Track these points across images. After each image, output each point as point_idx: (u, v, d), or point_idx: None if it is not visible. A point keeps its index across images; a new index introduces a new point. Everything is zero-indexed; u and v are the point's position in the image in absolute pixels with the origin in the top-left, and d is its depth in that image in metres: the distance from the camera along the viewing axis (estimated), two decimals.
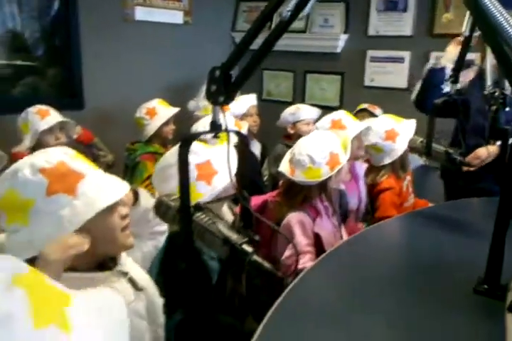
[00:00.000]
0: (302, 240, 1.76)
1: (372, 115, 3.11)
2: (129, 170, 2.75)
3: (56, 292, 0.66)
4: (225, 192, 1.49)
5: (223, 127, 1.04)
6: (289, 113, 3.06)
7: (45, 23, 3.33)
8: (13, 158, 2.37)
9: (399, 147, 2.23)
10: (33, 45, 3.42)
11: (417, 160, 2.57)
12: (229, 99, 1.03)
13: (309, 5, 0.91)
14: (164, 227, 1.39)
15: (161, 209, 1.15)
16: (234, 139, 1.09)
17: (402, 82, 3.41)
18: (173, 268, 1.32)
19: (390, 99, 3.37)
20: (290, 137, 2.97)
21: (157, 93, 3.19)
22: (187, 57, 3.75)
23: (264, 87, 4.12)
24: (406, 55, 3.36)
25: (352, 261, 1.52)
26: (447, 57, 2.21)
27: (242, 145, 1.11)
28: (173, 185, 1.40)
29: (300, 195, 1.83)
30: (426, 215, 1.96)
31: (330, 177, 1.80)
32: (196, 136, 1.05)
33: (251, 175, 2.73)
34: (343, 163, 1.81)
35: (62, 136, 2.51)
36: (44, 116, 2.44)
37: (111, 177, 1.12)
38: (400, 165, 2.33)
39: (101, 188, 1.06)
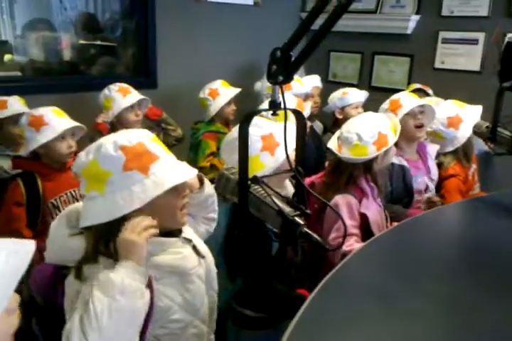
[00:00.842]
0: (348, 222, 1.78)
1: (427, 95, 3.03)
2: (192, 148, 2.88)
3: None
4: (286, 166, 1.53)
5: (282, 106, 1.10)
6: (336, 98, 3.05)
7: (124, 5, 3.50)
8: (95, 127, 2.57)
9: (462, 135, 2.18)
10: (111, 26, 3.61)
11: (482, 146, 2.51)
12: (288, 78, 1.08)
13: None
14: (216, 215, 1.47)
15: (221, 181, 1.23)
16: (293, 119, 1.15)
17: (474, 65, 3.28)
18: (235, 237, 1.40)
19: (460, 83, 3.27)
20: (338, 124, 2.94)
21: (226, 73, 3.28)
22: (256, 38, 3.79)
23: (330, 69, 4.10)
24: (480, 36, 3.23)
25: (404, 244, 1.53)
26: None
27: (300, 124, 1.16)
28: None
29: (345, 174, 1.83)
30: (487, 201, 1.92)
31: (376, 158, 1.80)
32: (257, 113, 1.12)
33: (316, 155, 2.77)
34: (391, 145, 1.81)
35: (140, 113, 2.67)
36: (125, 94, 2.60)
37: (181, 162, 1.22)
38: (463, 153, 2.27)
39: (170, 171, 1.15)
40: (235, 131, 1.62)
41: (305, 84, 3.03)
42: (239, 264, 1.55)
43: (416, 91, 3.09)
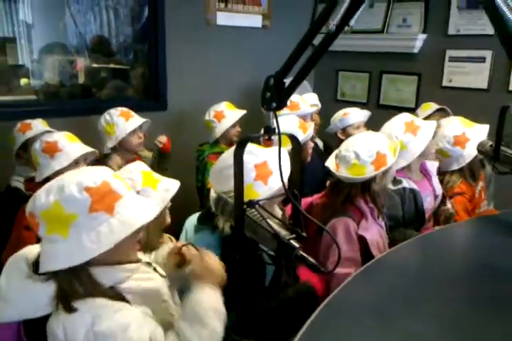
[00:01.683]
0: (345, 247, 1.75)
1: (448, 114, 3.04)
2: (200, 170, 2.90)
3: None
4: (277, 192, 1.54)
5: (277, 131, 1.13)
6: (337, 119, 3.07)
7: (136, 29, 3.59)
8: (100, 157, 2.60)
9: (468, 153, 2.17)
10: (124, 49, 3.70)
11: None
12: (281, 105, 1.11)
13: (354, 18, 0.96)
14: None
15: (219, 204, 1.26)
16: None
17: (482, 83, 3.29)
18: (229, 265, 1.41)
19: (468, 100, 3.27)
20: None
21: (234, 95, 3.33)
22: (264, 60, 3.84)
23: (339, 88, 4.14)
24: (487, 54, 3.24)
25: (406, 265, 1.53)
26: None
27: (296, 148, 1.18)
28: (230, 186, 1.49)
29: (343, 194, 1.81)
30: (494, 220, 1.91)
31: (374, 178, 1.79)
32: (251, 138, 1.15)
33: (323, 173, 2.77)
34: (390, 165, 1.79)
35: (142, 135, 2.70)
36: (128, 118, 2.63)
37: (142, 199, 1.22)
38: (469, 172, 2.25)
39: (134, 209, 1.15)
40: (225, 158, 1.62)
41: (308, 101, 3.06)
42: (233, 295, 1.54)
43: (438, 111, 3.10)
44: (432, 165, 2.21)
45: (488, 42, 3.22)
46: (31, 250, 1.19)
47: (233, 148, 1.70)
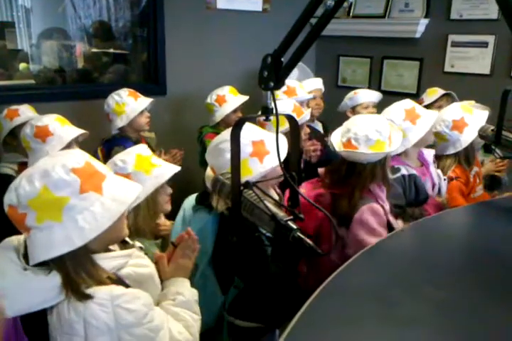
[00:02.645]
0: (380, 230, 1.76)
1: (454, 99, 3.02)
2: (200, 152, 2.91)
3: None
4: (272, 173, 1.54)
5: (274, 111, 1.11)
6: (348, 98, 3.10)
7: (135, 14, 3.55)
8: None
9: (465, 139, 2.16)
10: (123, 34, 3.67)
11: None
12: (279, 84, 1.09)
13: None
14: None
15: (217, 186, 1.25)
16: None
17: (484, 68, 3.26)
18: (227, 245, 1.41)
19: (470, 86, 3.25)
20: None
21: (234, 80, 3.30)
22: (265, 44, 3.79)
23: (339, 73, 4.10)
24: (490, 39, 3.21)
25: (405, 249, 1.53)
26: None
27: (294, 129, 1.17)
28: (225, 159, 1.50)
29: (364, 174, 1.80)
30: (491, 206, 1.91)
31: (385, 159, 1.81)
32: (249, 119, 1.13)
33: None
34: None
35: (148, 115, 2.71)
36: (137, 98, 2.64)
37: (123, 179, 1.22)
38: (464, 157, 2.25)
39: (120, 187, 1.15)
40: (223, 134, 1.62)
41: (308, 86, 3.05)
42: (231, 274, 1.55)
43: (444, 96, 3.08)
44: (429, 153, 2.21)
45: (491, 27, 3.18)
46: (12, 241, 1.15)
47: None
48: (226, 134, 1.60)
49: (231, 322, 1.62)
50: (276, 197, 1.66)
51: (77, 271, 1.08)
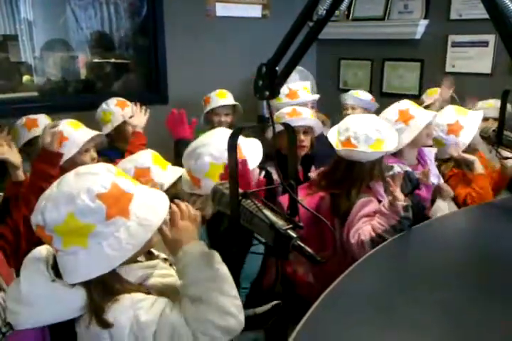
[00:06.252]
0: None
1: (455, 100, 3.00)
2: None
3: None
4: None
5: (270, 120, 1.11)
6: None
7: (136, 23, 3.58)
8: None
9: (463, 141, 2.16)
10: (124, 44, 3.69)
11: None
12: (274, 93, 1.10)
13: (344, 3, 0.95)
14: None
15: (216, 195, 1.25)
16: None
17: (485, 68, 3.25)
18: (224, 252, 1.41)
19: (472, 85, 3.23)
20: None
21: (235, 87, 3.30)
22: (266, 50, 3.80)
23: (341, 77, 4.10)
24: (491, 38, 3.20)
25: (407, 253, 1.52)
26: None
27: (291, 137, 1.17)
28: (202, 164, 1.53)
29: (362, 173, 1.80)
30: (494, 207, 1.89)
31: (382, 158, 1.82)
32: (244, 129, 1.13)
33: None
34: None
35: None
36: (124, 108, 2.67)
37: (151, 190, 1.19)
38: (464, 162, 2.23)
39: (148, 206, 1.12)
40: (197, 142, 1.65)
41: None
42: None
43: None
44: (430, 152, 2.20)
45: (491, 26, 3.15)
46: (41, 251, 1.15)
47: (212, 131, 1.72)
48: (204, 139, 1.64)
49: None
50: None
51: (104, 285, 1.09)
